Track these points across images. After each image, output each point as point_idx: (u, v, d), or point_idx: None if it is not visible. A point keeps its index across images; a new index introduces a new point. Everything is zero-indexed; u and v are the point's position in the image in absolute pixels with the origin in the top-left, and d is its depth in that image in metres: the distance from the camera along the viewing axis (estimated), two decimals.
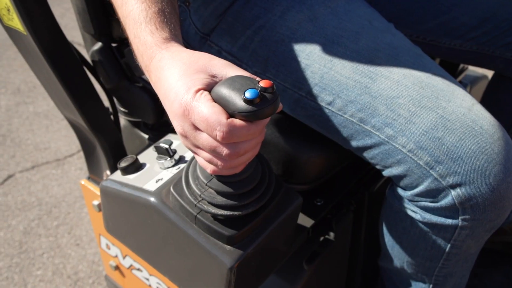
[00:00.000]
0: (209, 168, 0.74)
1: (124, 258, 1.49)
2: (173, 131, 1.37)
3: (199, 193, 0.82)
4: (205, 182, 0.81)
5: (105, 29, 1.22)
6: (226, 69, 0.71)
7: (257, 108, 0.64)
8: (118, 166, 0.98)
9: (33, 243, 2.27)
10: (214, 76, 0.70)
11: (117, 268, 1.57)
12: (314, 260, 1.09)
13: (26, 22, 1.03)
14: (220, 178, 0.80)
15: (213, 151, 0.69)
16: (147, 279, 1.45)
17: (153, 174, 0.95)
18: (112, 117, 1.36)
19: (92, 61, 1.26)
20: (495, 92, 1.44)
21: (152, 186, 0.91)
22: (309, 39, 1.01)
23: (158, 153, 0.97)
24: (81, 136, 1.39)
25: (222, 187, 0.81)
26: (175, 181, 0.88)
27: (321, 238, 1.17)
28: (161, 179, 0.92)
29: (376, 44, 0.99)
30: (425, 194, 0.94)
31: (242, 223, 0.84)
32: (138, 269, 1.45)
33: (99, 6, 1.18)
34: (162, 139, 1.04)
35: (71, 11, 4.41)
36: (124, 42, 1.28)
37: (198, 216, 0.83)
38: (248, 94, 0.64)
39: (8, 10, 1.06)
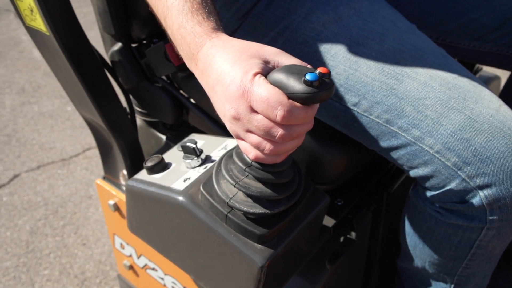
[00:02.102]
0: (253, 153, 0.75)
1: (138, 257, 1.49)
2: (193, 131, 1.38)
3: (230, 195, 0.83)
4: (238, 180, 0.82)
5: (125, 29, 1.22)
6: (278, 55, 0.73)
7: (317, 90, 0.66)
8: (144, 165, 0.98)
9: (39, 243, 2.27)
10: (267, 62, 0.72)
11: (131, 267, 1.57)
12: (337, 259, 1.10)
13: (49, 23, 1.04)
14: (253, 174, 0.81)
15: (267, 133, 0.70)
16: (162, 279, 1.45)
17: (180, 174, 0.95)
18: (129, 117, 1.37)
19: (111, 61, 1.27)
20: None
21: (180, 185, 0.91)
22: (334, 40, 1.01)
23: (185, 152, 0.97)
24: (98, 136, 1.40)
25: (255, 185, 0.82)
26: (205, 180, 0.88)
27: (342, 238, 1.17)
28: (189, 178, 0.92)
29: (401, 45, 0.99)
30: (452, 195, 0.95)
31: (272, 222, 0.84)
32: (153, 269, 1.46)
33: (120, 6, 1.18)
34: (186, 139, 1.04)
35: (75, 11, 4.41)
36: (143, 43, 1.28)
37: (228, 215, 0.83)
38: (309, 77, 0.66)
39: (32, 10, 1.06)
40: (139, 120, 1.50)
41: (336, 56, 1.01)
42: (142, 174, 0.99)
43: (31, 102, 3.33)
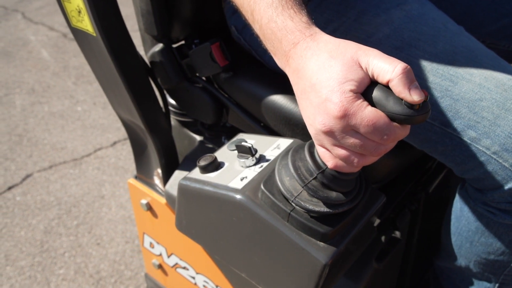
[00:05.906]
0: (332, 162, 0.75)
1: (169, 257, 1.50)
2: (231, 130, 1.39)
3: (295, 193, 0.83)
4: (306, 181, 0.82)
5: (167, 30, 1.23)
6: (368, 55, 0.69)
7: (417, 113, 0.67)
8: (197, 164, 0.98)
9: (54, 242, 2.28)
10: (360, 66, 0.69)
11: (160, 266, 1.58)
12: (384, 258, 1.11)
13: (97, 24, 1.04)
14: (324, 181, 0.82)
15: (362, 150, 0.70)
16: (193, 278, 1.46)
17: (235, 173, 0.95)
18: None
19: (151, 62, 1.27)
20: None
21: (237, 184, 0.91)
22: (385, 42, 1.01)
23: (239, 151, 0.97)
24: (132, 136, 1.40)
25: (322, 189, 0.83)
26: (265, 179, 0.88)
27: (384, 237, 1.18)
28: (246, 177, 0.92)
29: (454, 47, 0.99)
30: (508, 196, 0.94)
31: (335, 220, 0.85)
32: (184, 268, 1.46)
33: (163, 7, 1.19)
34: (236, 138, 1.05)
35: None
36: (184, 44, 1.29)
37: (291, 213, 0.84)
38: None
39: (79, 12, 1.07)
40: (172, 120, 1.50)
41: None
42: (195, 173, 0.99)
43: (41, 102, 3.33)
